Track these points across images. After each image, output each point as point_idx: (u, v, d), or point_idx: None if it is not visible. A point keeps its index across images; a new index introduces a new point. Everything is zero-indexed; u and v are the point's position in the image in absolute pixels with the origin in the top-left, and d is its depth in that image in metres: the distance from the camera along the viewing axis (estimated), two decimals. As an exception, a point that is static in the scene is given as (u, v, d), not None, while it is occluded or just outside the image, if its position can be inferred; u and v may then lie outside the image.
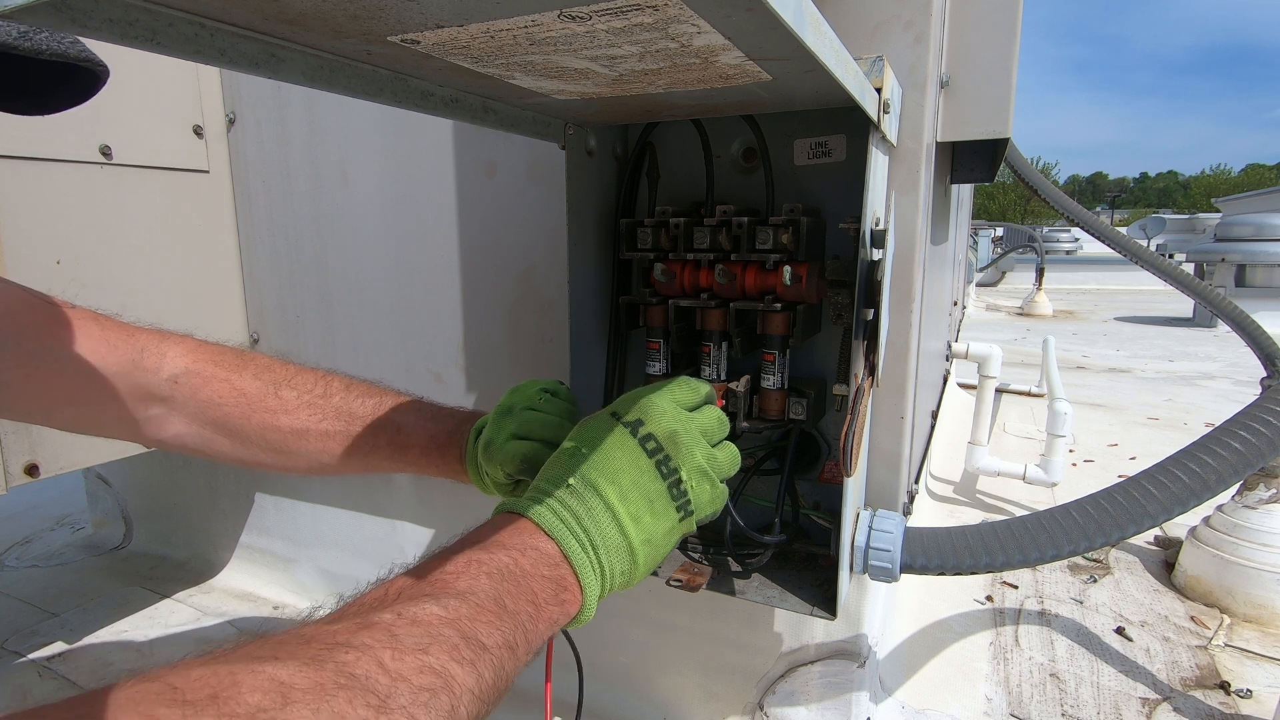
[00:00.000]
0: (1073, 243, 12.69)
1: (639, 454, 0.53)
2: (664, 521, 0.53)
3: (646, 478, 0.52)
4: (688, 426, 0.55)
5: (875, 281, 0.61)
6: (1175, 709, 0.99)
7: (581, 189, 0.76)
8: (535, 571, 0.46)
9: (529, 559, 0.47)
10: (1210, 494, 0.76)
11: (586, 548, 0.49)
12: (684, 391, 0.59)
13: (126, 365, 0.68)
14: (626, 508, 0.51)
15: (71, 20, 0.36)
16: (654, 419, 0.54)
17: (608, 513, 0.50)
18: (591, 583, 0.49)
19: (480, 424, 0.73)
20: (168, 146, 1.17)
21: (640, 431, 0.54)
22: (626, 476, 0.52)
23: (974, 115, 0.83)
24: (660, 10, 0.37)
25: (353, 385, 0.77)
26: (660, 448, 0.53)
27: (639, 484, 0.52)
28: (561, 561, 0.48)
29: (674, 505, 0.53)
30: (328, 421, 0.74)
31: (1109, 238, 1.90)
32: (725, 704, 0.98)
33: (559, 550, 0.48)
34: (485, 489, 0.73)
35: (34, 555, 1.66)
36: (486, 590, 0.43)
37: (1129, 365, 3.81)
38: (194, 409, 0.72)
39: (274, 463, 0.76)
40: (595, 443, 0.53)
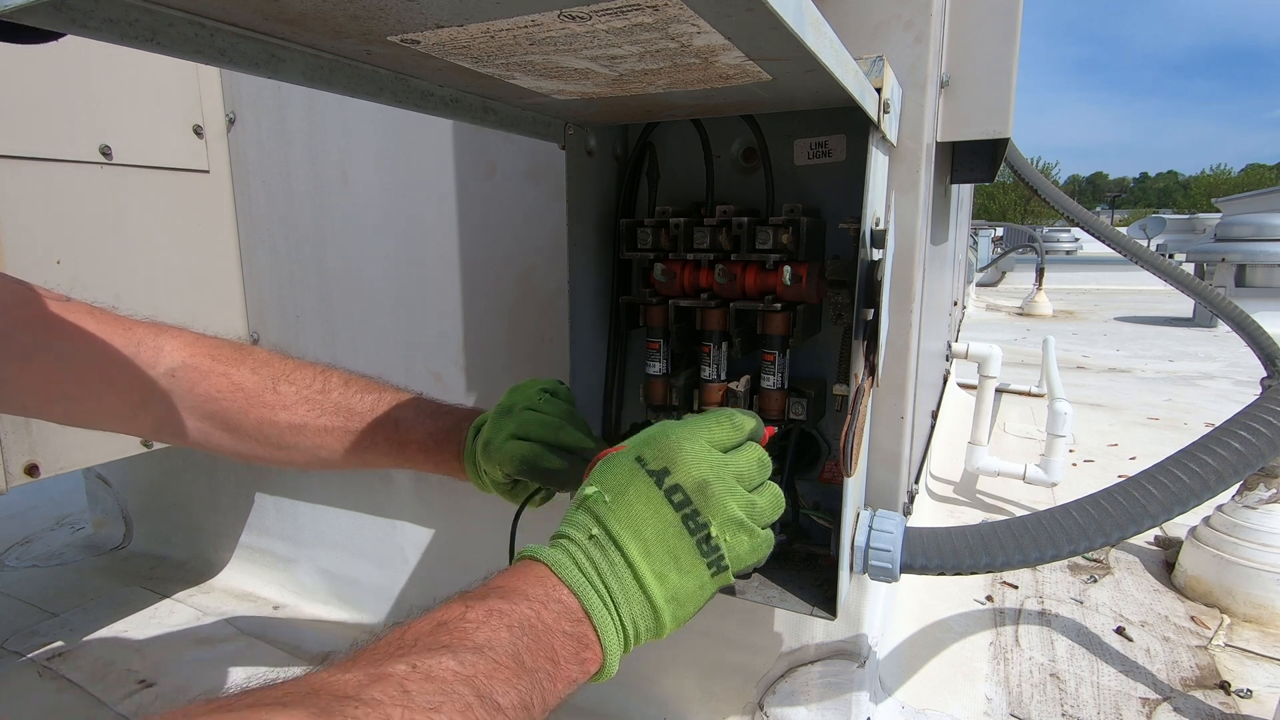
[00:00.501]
0: (1073, 243, 12.68)
1: (664, 506, 0.49)
2: (693, 579, 0.49)
3: (671, 533, 0.49)
4: (720, 474, 0.51)
5: (875, 281, 0.61)
6: (1175, 709, 0.99)
7: (581, 189, 0.76)
8: (557, 627, 0.44)
9: (551, 613, 0.45)
10: (1210, 494, 0.76)
11: (609, 604, 0.47)
12: (722, 430, 0.54)
13: (124, 358, 0.68)
14: (650, 564, 0.48)
15: (71, 20, 0.36)
16: (682, 467, 0.50)
17: (629, 569, 0.48)
18: (613, 642, 0.47)
19: (479, 422, 0.73)
20: (168, 146, 1.17)
21: (666, 482, 0.50)
22: (650, 530, 0.49)
23: (974, 115, 0.83)
24: (660, 10, 0.37)
25: (352, 381, 0.77)
26: (688, 500, 0.49)
27: (664, 539, 0.49)
28: (584, 618, 0.46)
29: (704, 561, 0.49)
30: (326, 417, 0.73)
31: (1109, 238, 1.90)
32: (725, 704, 0.98)
33: (580, 606, 0.46)
34: (483, 487, 0.73)
35: (34, 555, 1.66)
36: (505, 645, 0.41)
37: (1129, 365, 3.81)
38: (191, 403, 0.71)
39: (272, 457, 0.76)
40: (618, 491, 0.50)
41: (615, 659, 0.47)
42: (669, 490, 0.50)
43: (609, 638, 0.46)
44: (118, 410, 0.70)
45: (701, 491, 0.50)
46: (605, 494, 0.50)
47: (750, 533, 0.51)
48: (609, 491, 0.50)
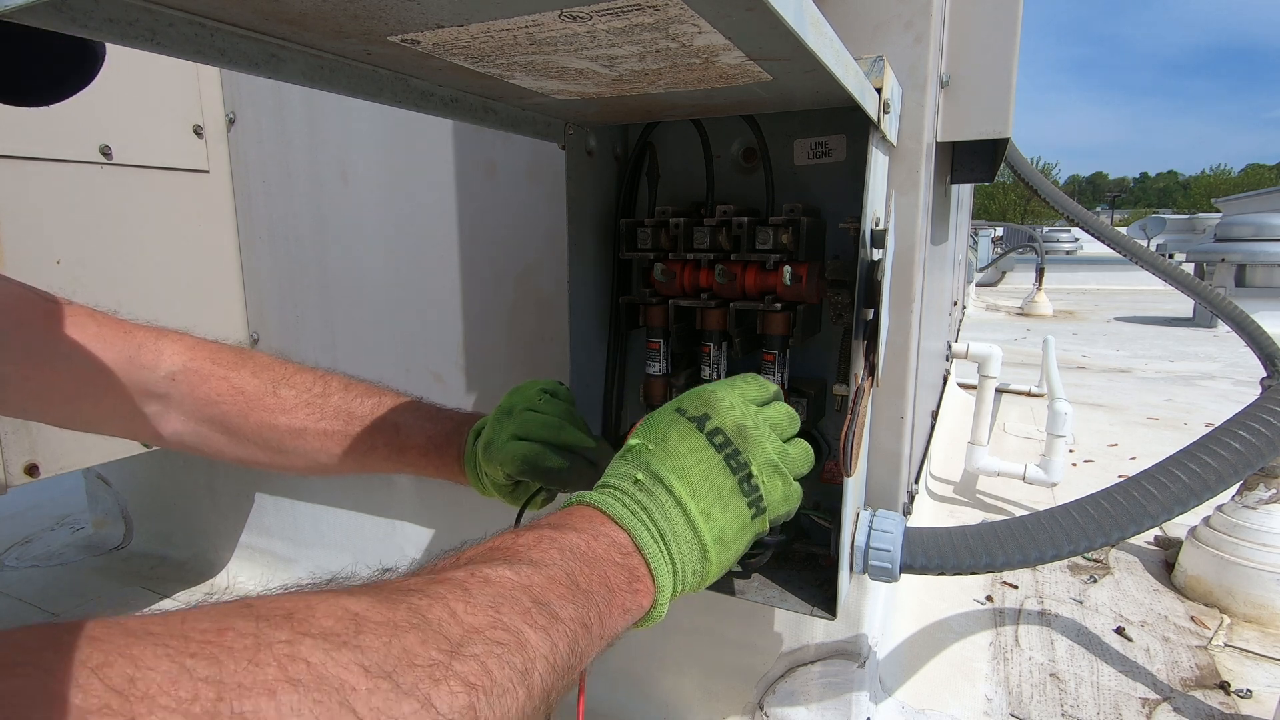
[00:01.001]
0: (1073, 243, 12.69)
1: (706, 448, 0.51)
2: (736, 518, 0.51)
3: (715, 472, 0.51)
4: (756, 420, 0.54)
5: (875, 281, 0.61)
6: (1175, 709, 0.99)
7: (581, 189, 0.76)
8: (608, 557, 0.45)
9: (601, 544, 0.45)
10: (1210, 494, 0.76)
11: (659, 540, 0.47)
12: (751, 387, 0.57)
13: (123, 361, 0.68)
14: (697, 503, 0.49)
15: (71, 20, 0.36)
16: (720, 413, 0.53)
17: (677, 508, 0.49)
18: (665, 576, 0.47)
19: (479, 425, 0.73)
20: (168, 146, 1.17)
21: (707, 426, 0.52)
22: (695, 471, 0.50)
23: (974, 115, 0.83)
24: (661, 10, 0.37)
25: (352, 385, 0.77)
26: (729, 441, 0.52)
27: (708, 478, 0.50)
28: (634, 551, 0.46)
29: (745, 501, 0.51)
30: (326, 421, 0.73)
31: (1109, 238, 1.90)
32: (725, 704, 0.98)
33: (631, 540, 0.47)
34: (484, 491, 0.73)
35: (34, 555, 1.66)
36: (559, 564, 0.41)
37: (1129, 365, 3.81)
38: (191, 406, 0.71)
39: (272, 461, 0.76)
40: (660, 438, 0.52)
41: (666, 596, 0.47)
42: (710, 433, 0.52)
43: (661, 571, 0.47)
44: (117, 413, 0.70)
45: (741, 434, 0.52)
46: (649, 443, 0.52)
47: (784, 479, 0.54)
48: (652, 440, 0.52)
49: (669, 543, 0.48)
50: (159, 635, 0.26)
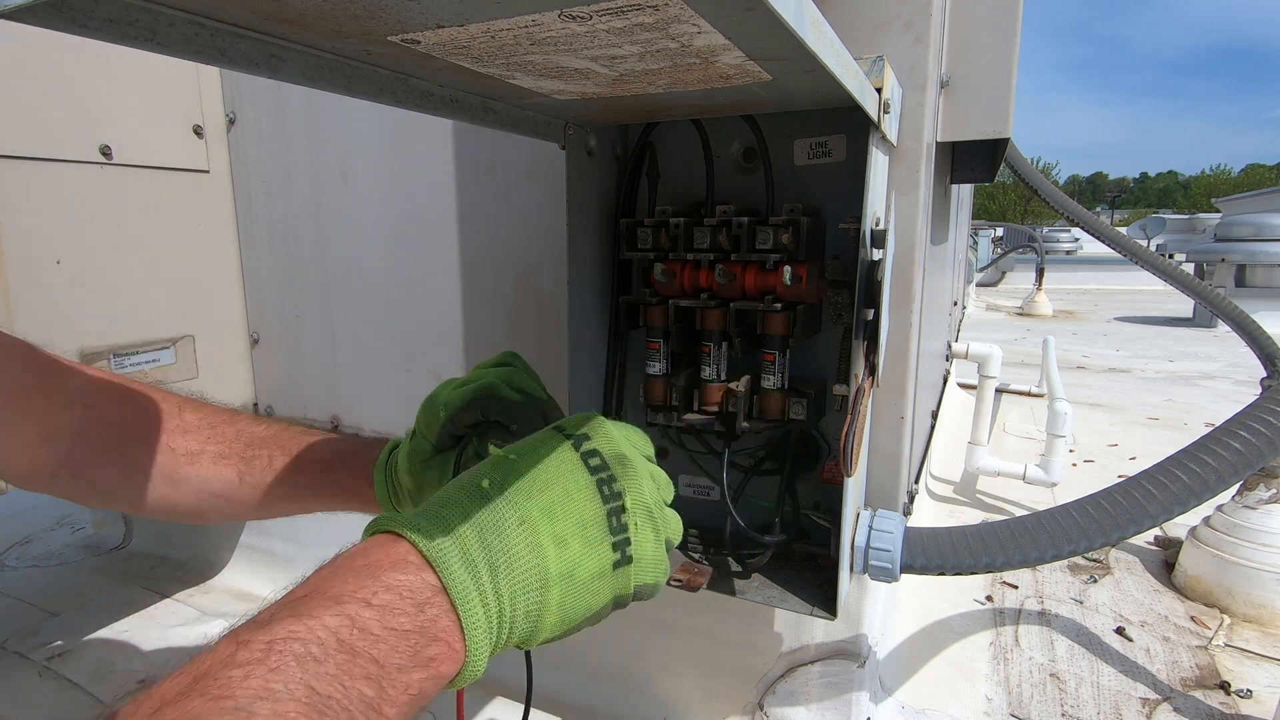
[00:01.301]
0: (1073, 243, 12.69)
1: (578, 467, 0.44)
2: (595, 559, 0.42)
3: (582, 494, 0.43)
4: (639, 459, 0.47)
5: (875, 281, 0.61)
6: (1175, 709, 0.99)
7: (581, 189, 0.76)
8: (384, 626, 0.34)
9: (379, 605, 0.34)
10: (1210, 494, 0.76)
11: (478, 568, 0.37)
12: (638, 435, 0.51)
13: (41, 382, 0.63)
14: (551, 526, 0.41)
15: (71, 20, 0.36)
16: (602, 436, 0.46)
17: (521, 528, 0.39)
18: (477, 623, 0.36)
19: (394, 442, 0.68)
20: (168, 146, 1.17)
21: (584, 445, 0.45)
22: (558, 488, 0.42)
23: (974, 115, 0.83)
24: (661, 10, 0.37)
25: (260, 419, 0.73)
26: (605, 465, 0.44)
27: (571, 499, 0.42)
28: (437, 595, 0.36)
29: (610, 541, 0.43)
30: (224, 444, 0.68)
31: (1109, 238, 1.90)
32: (725, 704, 0.98)
33: (438, 580, 0.36)
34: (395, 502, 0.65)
35: (34, 555, 1.66)
36: (291, 684, 0.30)
37: (1129, 365, 3.81)
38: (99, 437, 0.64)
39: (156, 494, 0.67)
40: (526, 449, 0.44)
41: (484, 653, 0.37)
42: (586, 454, 0.45)
43: (472, 618, 0.36)
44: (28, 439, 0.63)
45: (621, 462, 0.45)
46: (511, 452, 0.45)
47: (656, 533, 0.46)
48: (516, 450, 0.45)
49: (498, 571, 0.38)
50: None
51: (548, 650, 1.14)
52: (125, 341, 1.11)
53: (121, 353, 1.11)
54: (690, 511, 0.89)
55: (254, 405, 1.34)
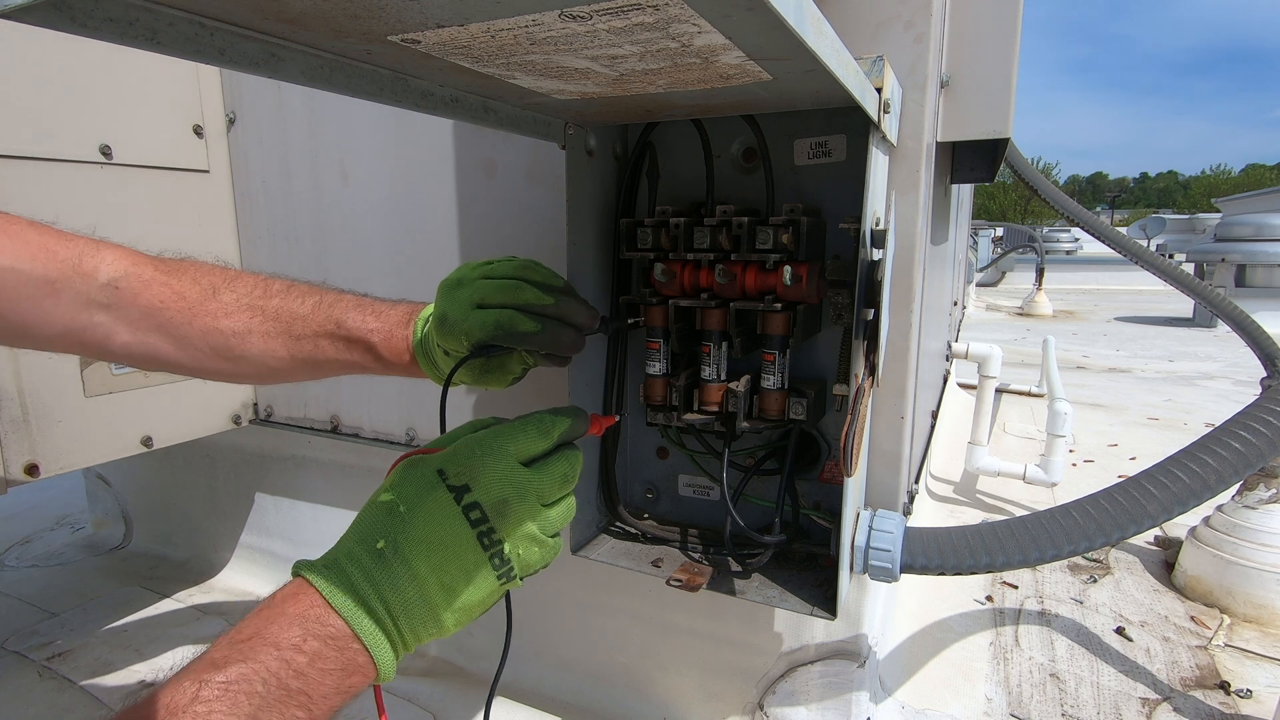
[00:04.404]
0: (1073, 243, 12.69)
1: (461, 524, 0.49)
2: (480, 590, 0.50)
3: (466, 548, 0.49)
4: (522, 491, 0.52)
5: (875, 281, 0.61)
6: (1175, 709, 0.99)
7: (581, 189, 0.76)
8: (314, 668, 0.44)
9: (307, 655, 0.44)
10: (1210, 494, 0.76)
11: (384, 620, 0.47)
12: (529, 441, 0.54)
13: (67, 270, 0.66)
14: (440, 578, 0.48)
15: (71, 19, 0.36)
16: (483, 486, 0.50)
17: (415, 584, 0.48)
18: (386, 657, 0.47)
19: (427, 313, 0.72)
20: (168, 146, 1.17)
21: (465, 499, 0.50)
22: (443, 546, 0.49)
23: (974, 115, 0.83)
24: (661, 10, 0.37)
25: (294, 287, 0.75)
26: (485, 518, 0.50)
27: (457, 554, 0.49)
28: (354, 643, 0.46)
29: (495, 574, 0.51)
30: (269, 323, 0.72)
31: (1109, 238, 1.90)
32: (725, 704, 0.98)
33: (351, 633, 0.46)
34: (438, 378, 0.72)
35: (34, 555, 1.66)
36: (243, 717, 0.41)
37: (1129, 365, 3.81)
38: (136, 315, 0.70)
39: (221, 369, 0.74)
40: (413, 503, 0.50)
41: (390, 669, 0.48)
42: (467, 507, 0.50)
43: (382, 655, 0.47)
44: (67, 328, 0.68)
45: (499, 511, 0.51)
46: (401, 504, 0.50)
47: (540, 544, 0.53)
48: (404, 503, 0.50)
49: (398, 618, 0.47)
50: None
51: (547, 650, 1.14)
52: (125, 341, 1.11)
53: (121, 353, 1.11)
54: (690, 511, 0.89)
55: (254, 405, 1.34)
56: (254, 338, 0.72)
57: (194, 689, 0.41)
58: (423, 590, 0.48)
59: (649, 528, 0.86)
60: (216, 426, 1.28)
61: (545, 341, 0.66)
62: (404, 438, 1.20)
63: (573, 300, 0.68)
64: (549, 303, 0.66)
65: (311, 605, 0.46)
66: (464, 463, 0.51)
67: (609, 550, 0.83)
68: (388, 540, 0.48)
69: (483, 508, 0.50)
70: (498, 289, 0.66)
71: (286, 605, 0.47)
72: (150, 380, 1.15)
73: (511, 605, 0.62)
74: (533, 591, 0.70)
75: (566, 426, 0.56)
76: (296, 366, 0.74)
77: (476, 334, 0.64)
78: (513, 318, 0.64)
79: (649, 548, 0.84)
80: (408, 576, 0.48)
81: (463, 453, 0.52)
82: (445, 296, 0.67)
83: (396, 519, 0.49)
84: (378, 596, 0.47)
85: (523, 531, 0.52)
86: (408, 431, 1.20)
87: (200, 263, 0.74)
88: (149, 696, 0.42)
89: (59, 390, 1.03)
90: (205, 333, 0.71)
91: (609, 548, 0.84)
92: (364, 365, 0.74)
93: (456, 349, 0.67)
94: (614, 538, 0.86)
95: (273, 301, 0.73)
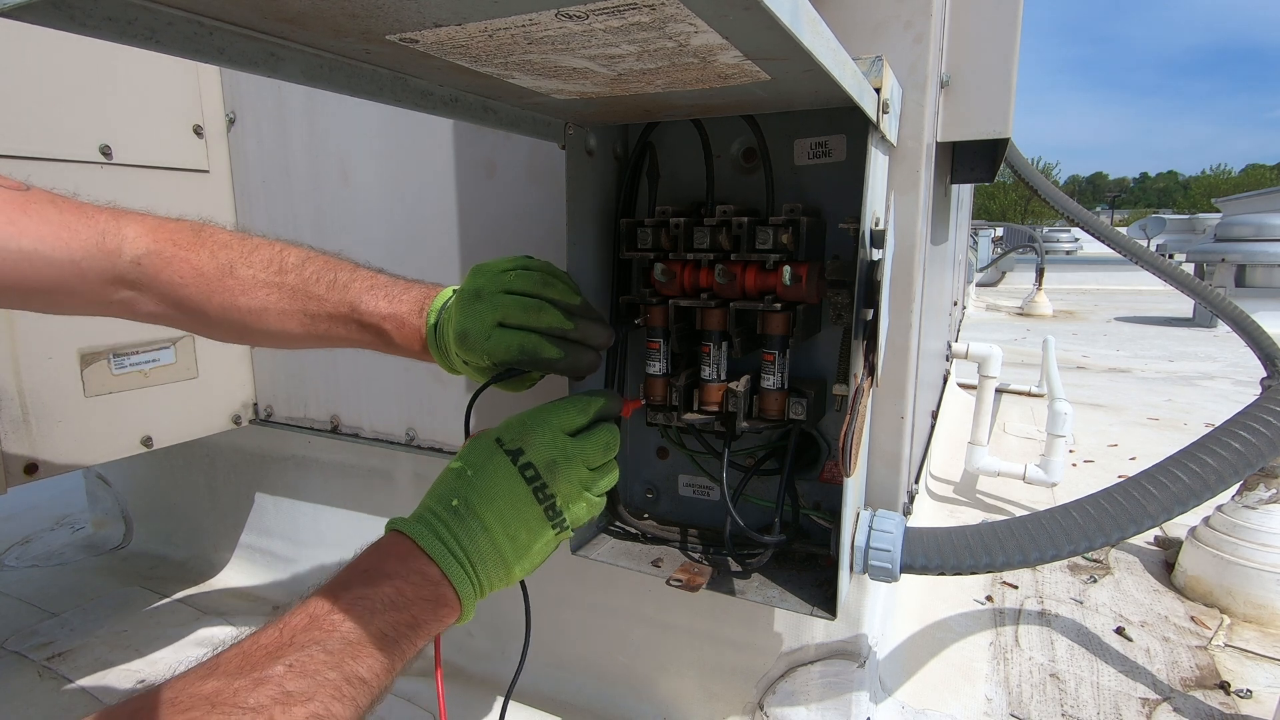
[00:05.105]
0: (1073, 243, 12.68)
1: (518, 481, 0.58)
2: (539, 538, 0.59)
3: (524, 502, 0.58)
4: (568, 454, 0.60)
5: (875, 281, 0.61)
6: (1175, 709, 0.99)
7: (581, 189, 0.76)
8: (417, 596, 0.53)
9: (412, 585, 0.53)
10: (1210, 494, 0.76)
11: (465, 564, 0.55)
12: (570, 414, 0.62)
13: (91, 249, 0.68)
14: (504, 528, 0.57)
15: (71, 19, 0.36)
16: (534, 449, 0.59)
17: (485, 533, 0.56)
18: (469, 595, 0.55)
19: (440, 303, 0.73)
20: (168, 146, 1.17)
21: (521, 460, 0.59)
22: (505, 500, 0.57)
23: (974, 115, 0.83)
24: (657, 9, 0.37)
25: (309, 260, 0.76)
26: (538, 475, 0.59)
27: (517, 507, 0.58)
28: (442, 580, 0.54)
29: (550, 524, 0.59)
30: (285, 301, 0.74)
31: (1109, 238, 1.90)
32: (725, 704, 0.98)
33: (440, 572, 0.54)
34: (451, 368, 0.73)
35: (34, 555, 1.66)
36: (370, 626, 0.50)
37: (1129, 365, 3.81)
38: (159, 291, 0.72)
39: (240, 340, 0.79)
40: (479, 468, 0.59)
41: (471, 607, 0.56)
42: (523, 467, 0.59)
43: (466, 593, 0.55)
44: (96, 300, 0.70)
45: (550, 469, 0.59)
46: (468, 469, 0.59)
47: (587, 500, 0.62)
48: (471, 467, 0.59)
49: (475, 565, 0.56)
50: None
51: (547, 650, 1.14)
52: (125, 341, 1.11)
53: (121, 352, 1.11)
54: (690, 511, 0.89)
55: (254, 405, 1.34)
56: (270, 315, 0.74)
57: (330, 602, 0.50)
58: (493, 539, 0.56)
59: (649, 528, 0.86)
60: (216, 426, 1.28)
61: (567, 368, 0.68)
62: (404, 438, 1.20)
63: (592, 323, 0.70)
64: (570, 328, 0.68)
65: (409, 549, 0.55)
66: (517, 431, 0.61)
67: (609, 550, 0.84)
68: (460, 498, 0.57)
69: (535, 467, 0.59)
70: (520, 308, 0.66)
71: (389, 549, 0.55)
72: (150, 380, 1.15)
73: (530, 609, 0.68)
74: (533, 590, 0.71)
75: (602, 405, 0.65)
76: (312, 340, 0.77)
77: (500, 355, 0.66)
78: (538, 344, 0.66)
79: (649, 548, 0.84)
80: (480, 528, 0.56)
81: (515, 424, 0.61)
82: (465, 310, 0.68)
83: (465, 481, 0.58)
84: (458, 544, 0.55)
85: (571, 488, 0.60)
86: (408, 431, 1.20)
87: (218, 231, 0.75)
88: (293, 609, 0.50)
89: (59, 390, 1.03)
90: (224, 309, 0.73)
91: (609, 547, 0.84)
92: (376, 346, 0.77)
93: (477, 362, 0.69)
94: (614, 537, 0.86)
95: (289, 278, 0.74)
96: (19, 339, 0.98)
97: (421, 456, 1.20)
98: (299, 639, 0.48)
